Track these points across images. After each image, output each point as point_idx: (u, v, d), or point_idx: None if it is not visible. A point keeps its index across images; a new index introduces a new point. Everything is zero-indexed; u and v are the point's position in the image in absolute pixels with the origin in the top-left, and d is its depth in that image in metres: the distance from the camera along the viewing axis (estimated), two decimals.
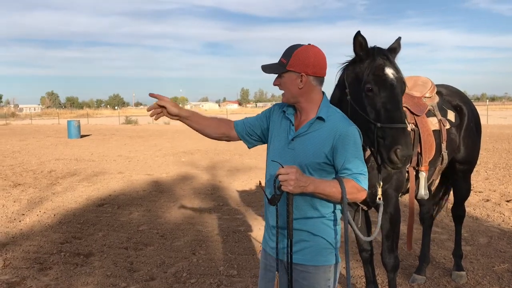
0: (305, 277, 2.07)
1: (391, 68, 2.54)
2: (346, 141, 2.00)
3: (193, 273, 4.46)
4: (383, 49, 2.61)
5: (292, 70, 2.04)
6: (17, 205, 7.58)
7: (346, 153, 1.99)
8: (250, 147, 2.42)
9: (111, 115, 73.11)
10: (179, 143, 19.44)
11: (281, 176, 1.84)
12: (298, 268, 2.07)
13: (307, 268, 2.07)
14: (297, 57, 2.02)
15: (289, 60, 2.03)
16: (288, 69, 2.04)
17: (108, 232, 5.95)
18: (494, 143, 15.92)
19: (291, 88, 2.06)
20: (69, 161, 13.64)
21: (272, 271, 2.16)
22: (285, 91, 2.09)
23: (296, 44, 2.09)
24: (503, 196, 7.54)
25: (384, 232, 3.28)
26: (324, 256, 2.08)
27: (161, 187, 9.09)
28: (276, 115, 2.24)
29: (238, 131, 2.34)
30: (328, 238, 2.08)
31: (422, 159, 3.39)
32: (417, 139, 3.36)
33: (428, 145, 3.40)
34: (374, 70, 2.54)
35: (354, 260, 4.66)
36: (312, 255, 2.07)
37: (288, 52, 2.06)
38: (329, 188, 1.92)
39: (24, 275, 4.46)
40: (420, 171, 3.43)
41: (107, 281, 4.31)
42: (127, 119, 42.45)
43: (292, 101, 2.11)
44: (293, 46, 2.09)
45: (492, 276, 4.23)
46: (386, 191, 3.18)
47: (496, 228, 5.75)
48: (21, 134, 27.39)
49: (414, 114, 3.39)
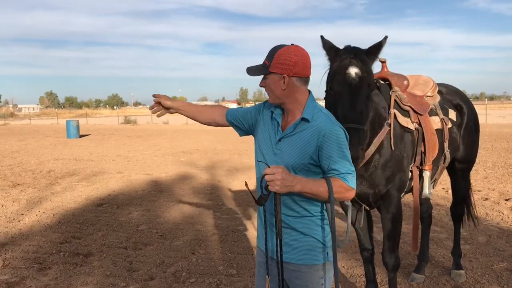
0: (298, 276, 2.09)
1: (352, 68, 2.54)
2: (330, 141, 1.98)
3: (193, 273, 4.47)
4: (352, 48, 2.61)
5: (275, 72, 2.03)
6: (16, 205, 7.57)
7: (331, 153, 1.98)
8: (241, 135, 2.48)
9: (110, 115, 73.05)
10: (178, 142, 19.43)
11: (267, 176, 1.84)
12: (290, 267, 2.08)
13: (299, 267, 2.08)
14: (279, 58, 2.01)
15: (271, 62, 2.02)
16: (271, 71, 2.03)
17: (107, 231, 5.95)
18: (493, 142, 15.94)
19: (275, 89, 2.06)
20: (68, 161, 13.63)
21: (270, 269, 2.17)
22: (270, 92, 2.10)
23: (279, 45, 2.07)
24: (502, 195, 7.55)
25: (385, 232, 3.29)
26: (316, 255, 2.08)
27: (160, 187, 9.09)
28: (265, 114, 2.24)
29: (228, 119, 2.41)
30: (318, 237, 2.08)
31: (426, 158, 3.39)
32: (421, 138, 3.36)
33: (432, 144, 3.40)
34: (333, 71, 2.61)
35: (353, 259, 4.67)
36: (303, 254, 2.08)
37: (271, 53, 2.05)
38: (316, 187, 1.91)
39: (23, 275, 4.46)
40: (424, 170, 3.43)
41: (107, 280, 4.31)
42: (126, 119, 42.43)
43: (278, 102, 2.11)
44: (275, 47, 2.07)
45: (491, 275, 4.24)
46: (388, 191, 3.18)
47: (495, 227, 5.75)
48: (20, 134, 27.37)
49: (417, 113, 3.39)
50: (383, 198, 3.19)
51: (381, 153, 3.09)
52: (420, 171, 3.43)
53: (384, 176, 3.12)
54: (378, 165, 3.09)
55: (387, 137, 3.11)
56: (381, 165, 3.10)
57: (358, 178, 2.96)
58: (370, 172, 3.08)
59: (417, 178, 3.39)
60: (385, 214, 3.23)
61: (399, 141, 3.20)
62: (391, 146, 3.10)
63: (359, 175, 2.94)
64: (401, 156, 3.19)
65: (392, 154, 3.13)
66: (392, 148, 3.10)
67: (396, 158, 3.15)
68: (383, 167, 3.10)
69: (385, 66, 3.56)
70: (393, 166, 3.14)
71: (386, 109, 3.21)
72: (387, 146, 3.11)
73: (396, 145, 3.17)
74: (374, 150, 3.05)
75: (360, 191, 3.13)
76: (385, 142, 3.11)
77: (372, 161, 3.07)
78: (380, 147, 3.08)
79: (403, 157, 3.21)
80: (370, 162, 3.06)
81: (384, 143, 3.10)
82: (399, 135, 3.21)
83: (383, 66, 3.56)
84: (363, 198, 3.20)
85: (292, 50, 2.02)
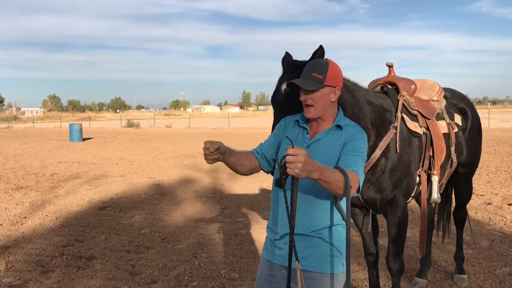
0: (311, 285, 2.04)
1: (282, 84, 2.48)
2: (353, 140, 2.08)
3: (195, 276, 4.47)
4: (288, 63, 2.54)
5: (330, 85, 2.10)
6: (20, 208, 7.59)
7: (351, 149, 2.06)
8: (267, 173, 2.38)
9: (113, 118, 73.23)
10: (180, 146, 19.46)
11: (289, 157, 1.67)
12: (305, 275, 2.02)
13: (314, 274, 2.05)
14: (333, 72, 2.10)
15: (326, 75, 2.07)
16: (326, 84, 2.09)
17: (110, 235, 5.96)
18: (496, 146, 15.90)
19: (324, 102, 2.10)
20: (71, 164, 13.66)
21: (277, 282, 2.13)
22: (316, 105, 2.10)
23: (323, 59, 2.18)
24: (505, 200, 7.52)
25: (391, 236, 3.27)
26: (333, 264, 2.07)
27: (162, 190, 9.10)
28: (288, 127, 2.27)
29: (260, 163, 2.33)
30: (338, 246, 2.09)
31: (435, 163, 3.39)
32: (429, 142, 3.36)
33: (440, 149, 3.39)
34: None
35: (356, 263, 4.66)
36: (320, 261, 2.06)
37: (320, 67, 2.09)
38: (333, 175, 1.85)
39: (26, 278, 4.47)
40: (432, 175, 3.42)
41: (109, 284, 4.31)
42: (129, 122, 42.53)
43: (320, 115, 2.13)
44: (320, 60, 2.15)
45: (494, 280, 4.23)
46: (395, 196, 3.17)
47: (498, 232, 5.74)
48: (23, 137, 27.45)
49: (425, 118, 3.39)
50: (390, 203, 3.18)
51: (387, 156, 3.08)
52: (428, 176, 3.43)
53: (391, 180, 3.10)
54: (385, 169, 3.08)
55: (393, 141, 3.10)
56: (388, 169, 3.09)
57: (365, 183, 2.96)
58: (377, 176, 3.07)
59: (425, 182, 3.38)
60: (391, 219, 3.22)
61: (406, 145, 3.19)
62: (397, 149, 3.10)
63: (366, 180, 2.95)
64: (408, 160, 3.18)
65: (399, 158, 3.12)
66: (398, 150, 3.10)
67: (403, 162, 3.15)
68: (390, 171, 3.09)
69: (392, 70, 3.56)
70: (400, 170, 3.13)
71: (392, 113, 3.21)
72: (393, 150, 3.10)
73: (404, 149, 3.16)
74: (380, 154, 3.05)
75: (368, 196, 3.12)
76: (391, 146, 3.10)
77: (378, 164, 3.06)
78: (387, 151, 3.08)
79: (410, 161, 3.20)
80: (376, 166, 3.05)
81: (390, 146, 3.10)
82: (406, 139, 3.20)
83: (390, 70, 3.56)
84: (370, 203, 3.19)
85: (335, 63, 2.16)
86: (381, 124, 3.10)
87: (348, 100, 2.82)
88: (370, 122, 3.03)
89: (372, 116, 3.06)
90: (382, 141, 3.06)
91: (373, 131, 3.05)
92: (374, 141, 3.04)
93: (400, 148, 3.11)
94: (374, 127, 3.06)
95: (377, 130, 3.07)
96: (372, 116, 3.06)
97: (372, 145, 3.03)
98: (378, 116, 3.10)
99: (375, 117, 3.08)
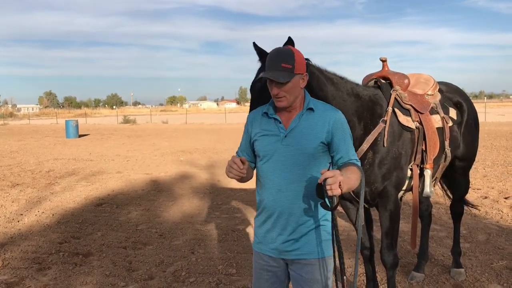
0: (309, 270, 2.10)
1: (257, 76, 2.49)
2: (340, 128, 2.11)
3: (192, 272, 4.46)
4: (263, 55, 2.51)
5: (300, 73, 2.07)
6: (16, 205, 7.56)
7: (345, 142, 2.10)
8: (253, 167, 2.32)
9: (109, 114, 73.01)
10: (177, 142, 19.42)
11: (330, 179, 1.81)
12: (302, 262, 2.10)
13: (311, 261, 2.10)
14: (298, 59, 2.06)
15: (294, 64, 2.03)
16: (297, 73, 2.05)
17: (107, 231, 5.95)
18: (492, 140, 15.95)
19: (295, 90, 2.08)
20: (68, 160, 13.62)
21: (271, 271, 2.18)
22: (289, 95, 2.06)
23: (284, 47, 2.11)
24: (501, 193, 7.55)
25: (383, 229, 3.28)
26: (325, 248, 2.12)
27: (159, 186, 9.08)
28: (255, 121, 2.21)
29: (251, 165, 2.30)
30: (328, 229, 2.13)
31: (427, 157, 3.39)
32: (422, 136, 3.36)
33: (433, 143, 3.40)
34: None
35: (352, 258, 4.66)
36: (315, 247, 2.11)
37: (286, 56, 2.03)
38: (356, 177, 2.00)
39: (22, 275, 4.45)
40: (425, 169, 3.43)
41: (106, 280, 4.30)
42: (125, 119, 42.37)
43: (292, 102, 2.10)
44: (283, 49, 2.08)
45: (491, 273, 4.24)
46: (385, 188, 3.17)
47: (495, 225, 5.75)
48: (19, 134, 27.34)
49: (418, 112, 3.39)
50: (380, 195, 3.19)
51: (374, 150, 3.09)
52: (421, 170, 3.43)
53: (380, 173, 3.11)
54: (372, 162, 3.09)
55: (381, 135, 3.11)
56: (376, 162, 3.10)
57: None
58: (365, 170, 3.08)
59: (417, 176, 3.38)
60: (383, 212, 3.23)
61: (396, 138, 3.20)
62: (384, 143, 3.10)
63: None
64: (398, 153, 3.19)
65: (387, 151, 3.13)
66: (384, 145, 3.10)
67: (392, 155, 3.15)
68: (378, 164, 3.10)
69: (385, 65, 3.56)
70: (389, 163, 3.14)
71: (382, 107, 3.21)
72: (381, 144, 3.11)
73: (393, 142, 3.17)
74: (368, 147, 3.05)
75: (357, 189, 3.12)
76: (379, 139, 3.11)
77: (365, 158, 3.07)
78: (374, 144, 3.09)
79: (400, 154, 3.21)
80: (363, 159, 3.06)
81: (378, 140, 3.10)
82: (396, 133, 3.20)
83: (384, 65, 3.55)
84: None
85: (297, 49, 2.13)
86: (369, 117, 3.11)
87: (330, 92, 2.84)
88: (357, 115, 3.04)
89: (360, 109, 3.07)
90: (370, 134, 3.07)
91: (360, 124, 3.06)
92: (361, 134, 3.05)
93: (388, 142, 3.12)
94: (362, 120, 3.07)
95: (365, 124, 3.08)
96: (360, 109, 3.07)
97: (358, 138, 3.04)
98: (367, 109, 3.11)
99: (363, 110, 3.09)
